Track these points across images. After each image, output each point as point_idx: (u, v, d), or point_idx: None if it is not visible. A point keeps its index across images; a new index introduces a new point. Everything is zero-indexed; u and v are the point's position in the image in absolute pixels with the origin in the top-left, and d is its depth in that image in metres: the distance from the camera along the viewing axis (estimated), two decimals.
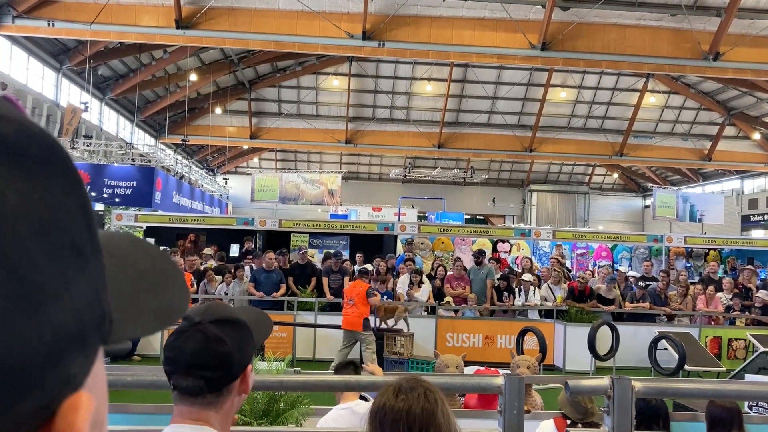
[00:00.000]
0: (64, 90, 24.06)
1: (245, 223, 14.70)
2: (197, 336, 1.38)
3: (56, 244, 0.40)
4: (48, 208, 0.40)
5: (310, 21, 20.11)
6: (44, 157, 0.41)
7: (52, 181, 0.41)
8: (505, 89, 30.66)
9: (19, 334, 0.36)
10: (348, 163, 39.45)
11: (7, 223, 0.37)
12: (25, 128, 0.40)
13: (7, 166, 0.38)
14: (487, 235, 15.81)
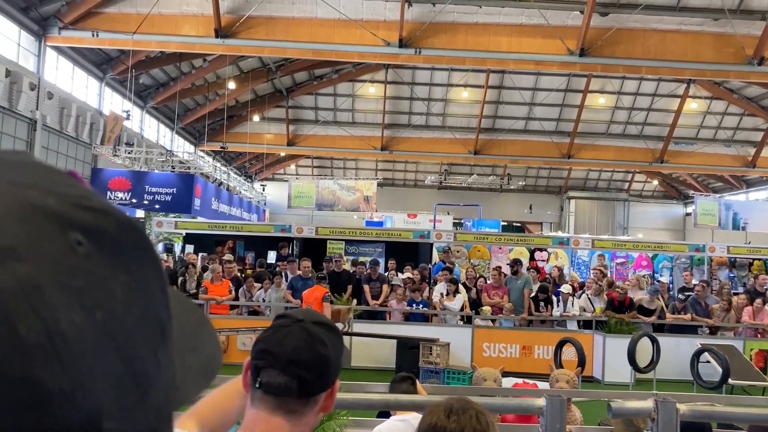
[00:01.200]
0: (107, 98, 24.61)
1: (282, 230, 14.83)
2: (300, 333, 1.32)
3: (151, 330, 0.41)
4: (143, 296, 0.40)
5: (346, 29, 20.25)
6: (135, 245, 0.42)
7: (143, 268, 0.41)
8: (543, 95, 30.41)
9: (137, 423, 0.38)
10: (383, 169, 39.52)
11: (119, 320, 0.38)
12: (120, 220, 0.41)
13: (113, 261, 0.39)
14: (525, 243, 15.66)
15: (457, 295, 10.96)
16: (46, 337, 0.35)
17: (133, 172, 22.05)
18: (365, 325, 11.07)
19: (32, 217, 0.38)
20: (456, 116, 32.30)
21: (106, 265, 0.39)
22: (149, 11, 19.41)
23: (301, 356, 1.31)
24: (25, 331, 0.34)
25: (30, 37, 19.97)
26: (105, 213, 0.41)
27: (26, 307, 0.34)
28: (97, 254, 0.39)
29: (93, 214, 0.40)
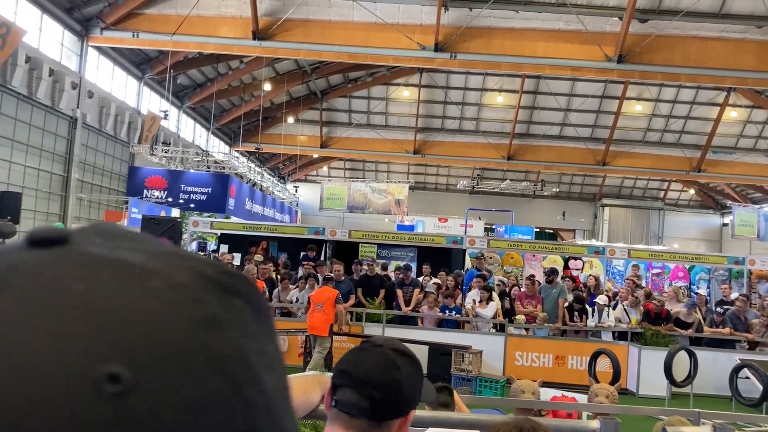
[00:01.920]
0: (145, 98, 25.00)
1: (316, 232, 14.90)
2: (377, 356, 1.39)
3: (285, 391, 0.41)
4: (274, 356, 0.41)
5: (382, 33, 20.28)
6: (260, 305, 0.42)
7: (267, 327, 0.41)
8: (579, 101, 30.11)
9: None
10: (415, 173, 39.48)
11: (282, 379, 0.40)
12: (245, 280, 0.41)
13: (263, 322, 0.40)
14: (559, 252, 15.50)
15: (491, 303, 10.88)
16: (263, 397, 0.37)
17: (170, 171, 22.37)
18: (397, 330, 11.05)
19: (211, 287, 0.38)
20: (490, 121, 32.13)
21: (263, 327, 0.40)
22: (189, 12, 19.68)
23: (373, 377, 1.36)
24: (250, 392, 0.36)
25: (73, 37, 20.38)
26: (245, 278, 0.41)
27: (246, 372, 0.36)
28: (254, 318, 0.40)
29: (238, 280, 0.41)
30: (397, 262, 15.72)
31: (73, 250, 0.38)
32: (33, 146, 18.80)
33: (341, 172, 40.55)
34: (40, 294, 0.34)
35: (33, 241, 0.38)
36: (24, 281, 0.35)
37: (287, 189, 37.21)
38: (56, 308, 0.34)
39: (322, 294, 10.06)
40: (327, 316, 9.80)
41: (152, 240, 0.43)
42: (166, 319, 0.35)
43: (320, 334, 9.79)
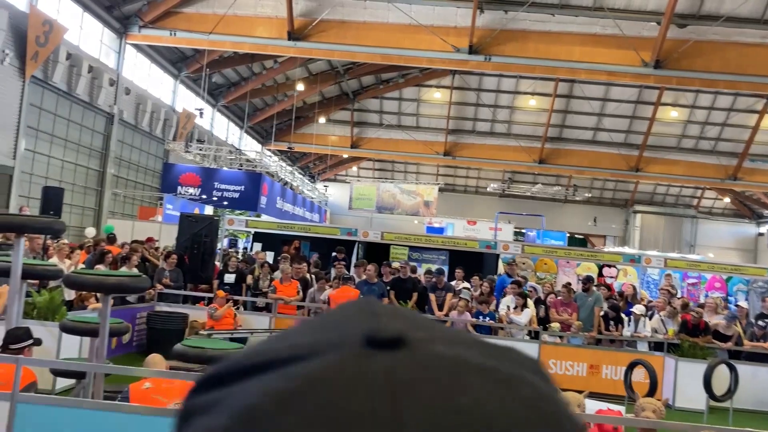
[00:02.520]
0: (180, 96, 25.27)
1: (348, 233, 14.93)
2: None
3: None
4: None
5: (416, 34, 20.25)
6: None
7: None
8: (613, 106, 29.75)
9: None
10: (444, 175, 39.35)
11: None
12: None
13: None
14: (594, 259, 15.31)
15: (525, 310, 10.78)
16: None
17: (203, 169, 22.59)
18: None
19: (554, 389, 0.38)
20: (522, 124, 31.91)
21: None
22: (225, 12, 19.86)
23: None
24: None
25: (112, 35, 20.68)
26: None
27: None
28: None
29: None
30: (428, 264, 15.66)
31: (421, 352, 0.36)
32: (71, 141, 19.11)
33: (370, 173, 40.59)
34: (435, 408, 0.32)
35: (373, 343, 0.36)
36: (404, 391, 0.33)
37: (317, 188, 37.35)
38: (463, 426, 0.32)
39: (343, 294, 9.68)
40: None
41: (447, 327, 0.42)
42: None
43: None
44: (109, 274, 6.12)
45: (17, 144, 16.52)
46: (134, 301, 10.66)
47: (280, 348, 0.37)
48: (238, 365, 0.37)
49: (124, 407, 4.42)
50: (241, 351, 0.39)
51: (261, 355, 0.37)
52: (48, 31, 16.46)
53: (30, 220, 5.76)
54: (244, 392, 0.35)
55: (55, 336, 7.43)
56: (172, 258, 11.50)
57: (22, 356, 4.58)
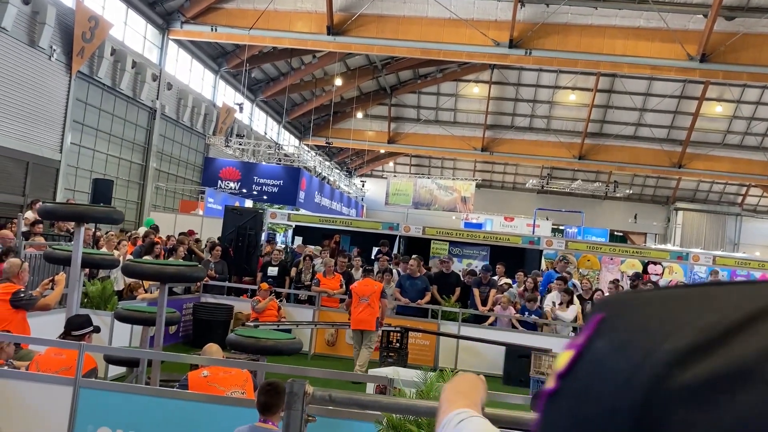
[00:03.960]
0: (220, 91, 25.53)
1: (390, 228, 14.91)
2: None
3: None
4: None
5: (456, 28, 20.11)
6: None
7: None
8: (655, 101, 29.20)
9: None
10: (482, 170, 39.07)
11: None
12: None
13: None
14: (639, 255, 15.03)
15: (571, 306, 10.64)
16: None
17: (243, 163, 22.79)
18: (472, 329, 10.94)
19: None
20: (561, 119, 31.51)
21: None
22: (266, 7, 19.96)
23: None
24: None
25: (155, 31, 20.96)
26: None
27: None
28: None
29: None
30: (469, 260, 15.58)
31: None
32: (115, 135, 19.44)
33: (407, 168, 40.50)
34: None
35: None
36: None
37: (354, 183, 37.42)
38: None
39: (366, 287, 9.43)
40: (374, 309, 9.26)
41: None
42: None
43: (368, 328, 9.29)
44: (167, 263, 6.18)
45: (64, 138, 16.86)
46: (180, 292, 10.79)
47: (735, 313, 0.37)
48: (716, 333, 0.36)
49: (183, 394, 4.47)
50: (689, 327, 0.37)
51: (727, 320, 0.37)
52: (94, 27, 16.74)
53: (91, 210, 5.86)
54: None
55: (107, 325, 7.55)
56: (217, 250, 11.62)
57: (84, 342, 4.65)
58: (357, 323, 9.31)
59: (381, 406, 2.55)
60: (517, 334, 10.66)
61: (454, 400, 1.32)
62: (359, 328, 9.33)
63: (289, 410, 2.12)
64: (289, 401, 2.12)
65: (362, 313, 9.25)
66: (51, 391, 4.49)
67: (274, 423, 3.68)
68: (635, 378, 0.38)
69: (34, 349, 5.79)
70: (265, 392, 3.69)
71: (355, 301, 9.38)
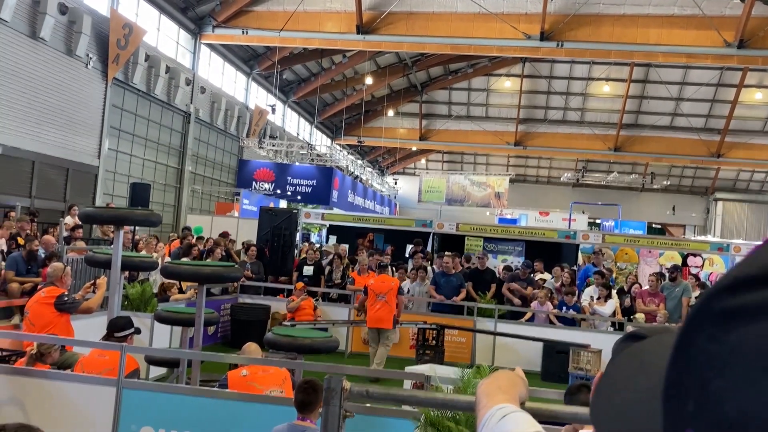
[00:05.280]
0: (253, 93, 25.77)
1: (423, 225, 14.90)
2: None
3: None
4: None
5: (486, 23, 19.98)
6: None
7: None
8: (692, 90, 28.62)
9: None
10: (515, 165, 38.77)
11: None
12: None
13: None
14: (678, 248, 14.74)
15: (609, 301, 10.50)
16: None
17: (277, 164, 23.00)
18: (508, 325, 10.87)
19: None
20: (595, 111, 31.10)
21: None
22: (295, 9, 20.09)
23: None
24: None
25: (187, 35, 21.25)
26: None
27: None
28: None
29: None
30: (504, 255, 15.48)
31: None
32: (151, 140, 19.77)
33: (439, 165, 40.40)
34: None
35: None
36: None
37: (386, 182, 37.46)
38: None
39: (383, 284, 9.19)
40: (391, 307, 9.02)
41: None
42: None
43: (385, 326, 9.03)
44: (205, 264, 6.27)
45: (101, 144, 17.21)
46: (218, 293, 10.93)
47: None
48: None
49: (224, 394, 4.53)
50: (745, 263, 0.42)
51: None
52: (128, 34, 17.04)
53: (130, 213, 5.98)
54: None
55: (147, 326, 7.68)
56: (252, 250, 11.74)
57: (125, 344, 4.74)
58: (374, 321, 9.08)
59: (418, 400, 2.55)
60: (554, 329, 10.55)
61: (493, 395, 1.32)
62: (377, 326, 9.09)
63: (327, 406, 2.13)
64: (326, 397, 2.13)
65: (380, 311, 9.03)
66: (95, 392, 4.59)
67: (312, 421, 3.71)
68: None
69: (78, 351, 5.93)
70: (302, 390, 3.73)
71: (371, 299, 9.14)
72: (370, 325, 9.16)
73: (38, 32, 14.33)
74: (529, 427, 1.16)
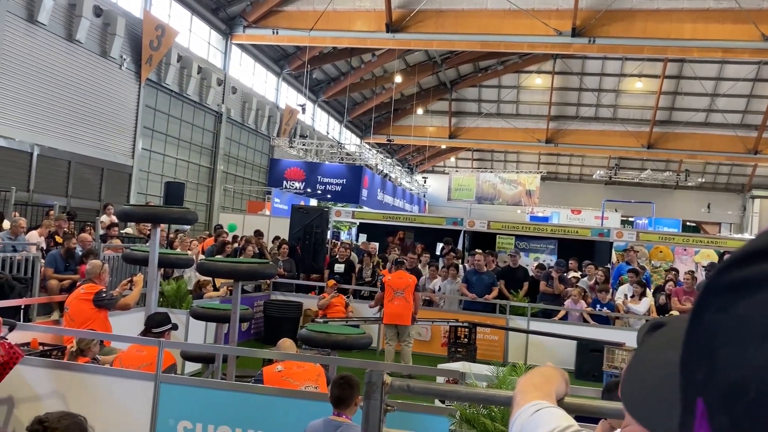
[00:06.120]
0: (283, 93, 25.94)
1: (454, 223, 14.84)
2: None
3: None
4: None
5: (516, 19, 19.82)
6: None
7: None
8: (728, 85, 28.06)
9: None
10: (546, 163, 38.42)
11: None
12: None
13: None
14: (715, 246, 14.45)
15: (644, 299, 10.34)
16: None
17: (307, 163, 23.12)
18: (541, 323, 10.77)
19: None
20: (628, 108, 30.69)
21: None
22: (325, 8, 20.14)
23: None
24: None
25: (218, 36, 21.47)
26: None
27: None
28: None
29: None
30: (536, 254, 15.34)
31: None
32: (183, 140, 20.01)
33: (469, 163, 40.22)
34: None
35: None
36: None
37: (416, 180, 37.41)
38: None
39: (400, 280, 9.03)
40: (409, 303, 8.91)
41: None
42: None
43: (403, 323, 8.92)
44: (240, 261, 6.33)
45: (135, 144, 17.47)
46: (251, 290, 11.03)
47: None
48: None
49: (259, 389, 4.56)
50: (756, 239, 0.45)
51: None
52: (160, 35, 17.27)
53: (167, 211, 6.06)
54: None
55: (183, 323, 7.78)
56: (284, 248, 11.81)
57: (163, 339, 4.80)
58: (392, 317, 8.97)
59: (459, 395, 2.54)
60: (588, 328, 10.43)
61: (526, 393, 1.34)
62: (394, 322, 8.98)
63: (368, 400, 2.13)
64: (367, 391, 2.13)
65: (397, 307, 8.92)
66: (134, 386, 4.66)
67: (347, 416, 3.72)
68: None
69: (116, 346, 6.03)
70: (338, 386, 3.74)
71: (388, 295, 9.01)
72: (387, 321, 9.07)
73: (74, 35, 14.60)
74: (562, 422, 1.16)
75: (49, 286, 8.30)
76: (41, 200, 13.89)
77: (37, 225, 10.72)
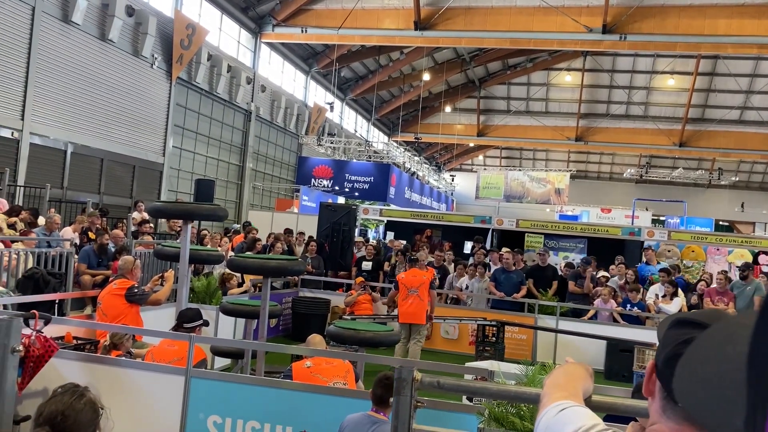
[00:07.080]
0: (311, 91, 26.05)
1: (482, 221, 14.77)
2: None
3: None
4: None
5: (546, 16, 19.65)
6: None
7: None
8: (763, 82, 27.51)
9: None
10: (576, 161, 38.05)
11: None
12: None
13: None
14: (749, 245, 14.18)
15: (675, 299, 10.18)
16: None
17: (335, 161, 23.20)
18: (570, 323, 10.67)
19: None
20: (660, 105, 30.24)
21: None
22: (353, 6, 20.18)
23: None
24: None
25: (248, 35, 21.63)
26: None
27: None
28: None
29: None
30: (565, 253, 15.21)
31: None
32: (213, 138, 20.21)
33: (497, 161, 40.00)
34: None
35: None
36: None
37: (443, 178, 37.30)
38: None
39: (414, 278, 8.86)
40: (423, 302, 8.72)
41: None
42: None
43: (418, 322, 8.72)
44: (270, 257, 6.38)
45: (166, 142, 17.68)
46: (279, 287, 11.10)
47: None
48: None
49: (288, 384, 4.58)
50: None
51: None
52: (191, 35, 17.45)
53: (198, 207, 6.13)
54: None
55: (212, 318, 7.86)
56: (312, 245, 11.87)
57: (194, 334, 4.85)
58: (406, 316, 8.77)
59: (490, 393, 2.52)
60: (618, 327, 10.30)
61: (551, 393, 1.35)
62: (409, 321, 8.77)
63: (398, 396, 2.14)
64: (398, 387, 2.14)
65: (411, 306, 8.72)
66: (165, 380, 4.71)
67: (386, 414, 3.72)
68: None
69: (147, 341, 6.11)
70: (382, 385, 3.74)
71: (402, 293, 8.82)
72: (402, 321, 8.87)
73: (107, 34, 14.83)
74: (588, 420, 1.16)
75: (82, 281, 8.44)
76: (75, 197, 14.14)
77: (70, 221, 10.91)
